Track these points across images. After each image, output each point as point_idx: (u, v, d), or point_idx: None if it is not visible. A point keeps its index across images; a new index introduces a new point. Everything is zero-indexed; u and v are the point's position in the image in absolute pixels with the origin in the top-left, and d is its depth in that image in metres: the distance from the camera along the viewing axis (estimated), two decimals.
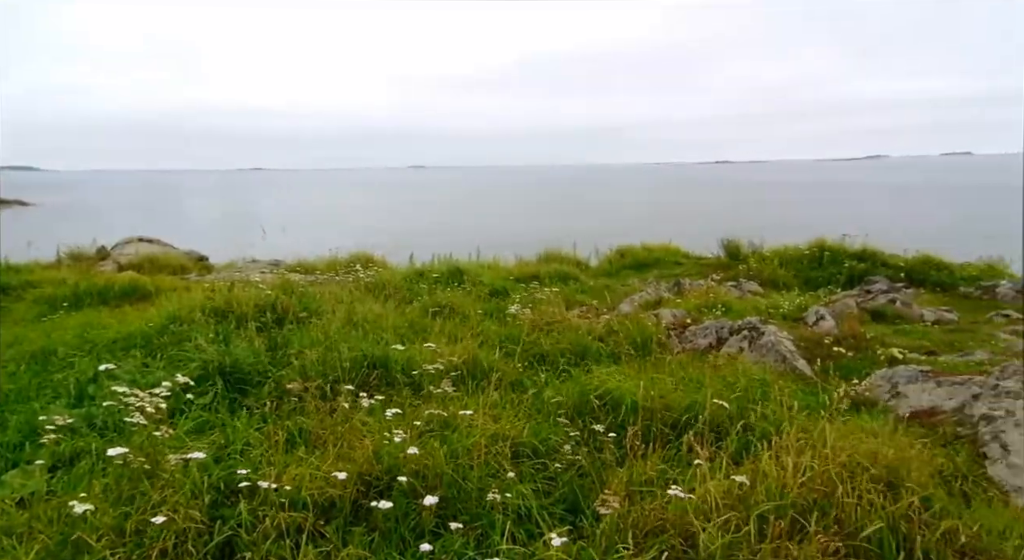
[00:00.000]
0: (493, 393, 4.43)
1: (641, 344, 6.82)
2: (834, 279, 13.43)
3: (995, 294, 11.23)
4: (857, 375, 5.74)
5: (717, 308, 8.92)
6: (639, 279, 14.47)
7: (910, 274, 13.10)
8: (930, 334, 7.48)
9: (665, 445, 3.94)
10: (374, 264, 13.51)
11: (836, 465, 3.27)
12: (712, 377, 5.19)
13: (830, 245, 14.90)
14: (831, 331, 7.14)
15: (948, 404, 4.75)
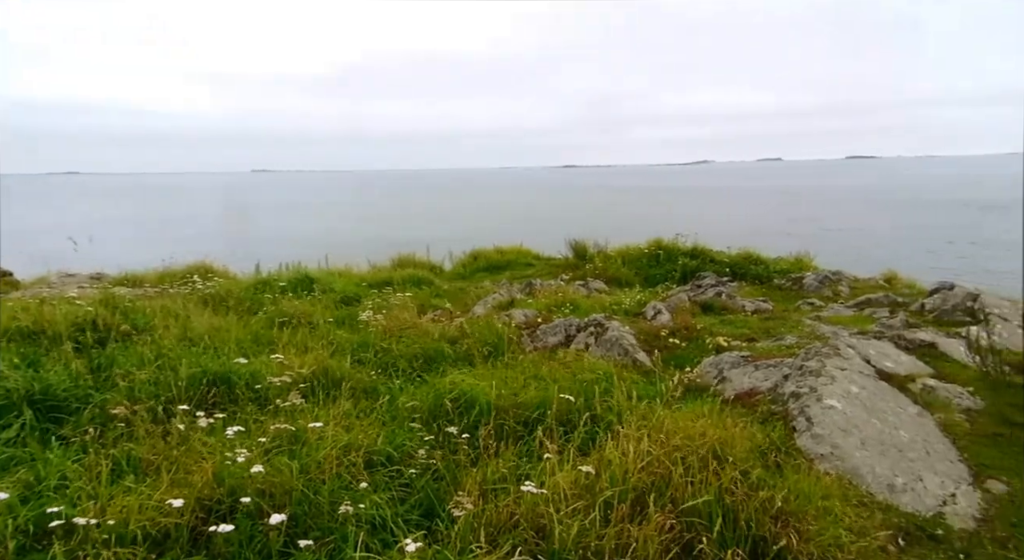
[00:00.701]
0: (345, 403, 4.33)
1: (494, 345, 6.96)
2: (670, 275, 14.50)
3: (802, 285, 12.67)
4: (690, 363, 6.24)
5: (566, 307, 9.30)
6: (492, 281, 14.74)
7: (734, 269, 14.42)
8: (750, 323, 8.30)
9: (518, 442, 4.06)
10: (214, 274, 12.66)
11: (671, 448, 3.55)
12: (561, 373, 5.42)
13: (666, 244, 16.04)
14: (667, 324, 7.69)
15: (764, 385, 5.30)
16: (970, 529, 3.75)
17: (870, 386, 5.18)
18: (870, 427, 4.58)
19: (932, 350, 6.24)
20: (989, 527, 3.79)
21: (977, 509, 3.94)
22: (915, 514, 3.85)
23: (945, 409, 5.03)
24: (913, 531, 3.67)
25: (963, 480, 4.21)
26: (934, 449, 4.49)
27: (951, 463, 4.39)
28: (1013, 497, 4.08)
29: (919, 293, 10.86)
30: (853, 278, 13.65)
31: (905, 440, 4.52)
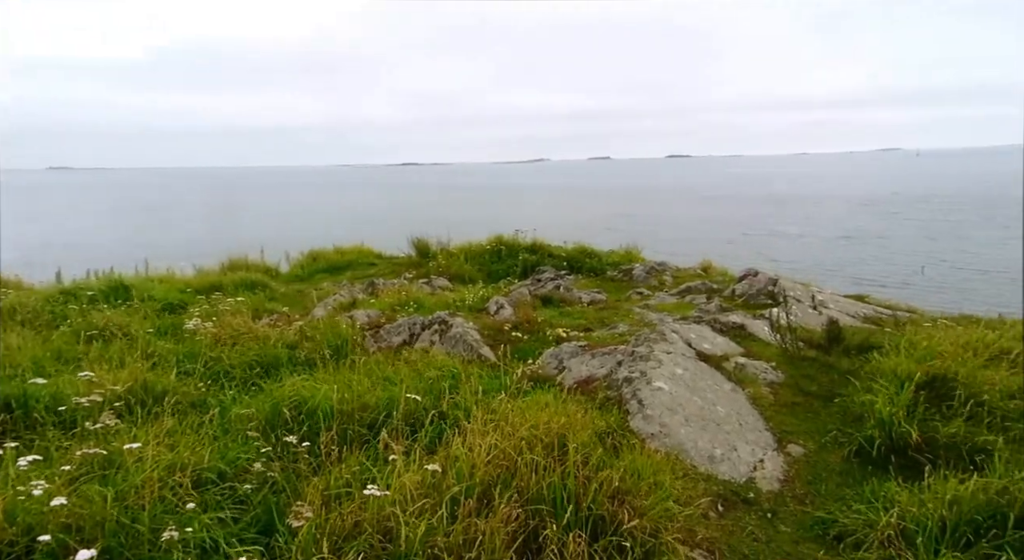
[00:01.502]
0: (168, 419, 3.96)
1: (337, 348, 6.74)
2: (512, 271, 14.87)
3: (632, 276, 13.55)
4: (532, 355, 6.43)
5: (410, 305, 9.22)
6: (333, 282, 14.25)
7: (571, 263, 15.10)
8: (587, 313, 8.73)
9: (364, 446, 3.95)
10: (2, 285, 11.07)
11: (518, 440, 3.63)
12: (407, 373, 5.36)
13: (507, 240, 16.42)
14: (510, 318, 7.88)
15: (601, 372, 5.60)
16: (775, 490, 4.22)
17: (692, 367, 5.65)
18: (693, 405, 5.00)
19: (742, 331, 6.94)
20: (791, 487, 4.29)
21: (781, 472, 4.44)
22: (731, 481, 4.26)
23: (754, 384, 5.62)
24: (730, 497, 4.06)
25: (769, 447, 4.73)
26: (745, 421, 5.01)
27: (760, 432, 4.91)
28: (808, 458, 4.65)
29: (730, 280, 12.01)
30: (676, 268, 14.82)
31: (722, 414, 4.99)
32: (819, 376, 5.89)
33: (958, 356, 5.35)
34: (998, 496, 3.42)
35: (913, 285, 21.19)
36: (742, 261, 19.86)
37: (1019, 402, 4.71)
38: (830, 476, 4.41)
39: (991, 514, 3.36)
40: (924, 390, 4.87)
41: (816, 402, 5.46)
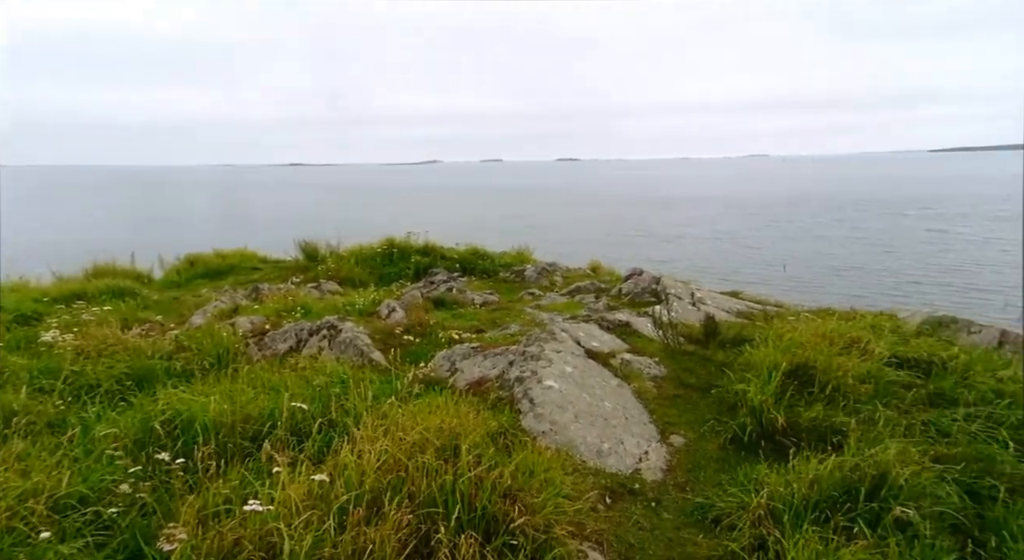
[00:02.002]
0: (18, 442, 3.60)
1: (217, 357, 6.40)
2: (404, 273, 14.69)
3: (524, 276, 13.75)
4: (425, 358, 6.38)
5: (297, 310, 8.89)
6: (213, 288, 13.50)
7: (463, 264, 15.12)
8: (479, 315, 8.78)
9: (246, 459, 3.77)
10: None
11: (409, 444, 3.59)
12: (293, 380, 5.17)
13: (398, 242, 16.21)
14: (401, 321, 7.78)
15: (493, 372, 5.64)
16: (659, 480, 4.42)
17: (581, 365, 5.81)
18: (582, 401, 5.15)
19: (628, 328, 7.22)
20: (673, 475, 4.51)
21: (664, 462, 4.66)
22: (618, 473, 4.42)
23: (638, 379, 5.85)
24: (617, 488, 4.21)
25: (653, 438, 4.95)
26: (631, 415, 5.21)
27: (644, 425, 5.12)
28: (689, 447, 4.90)
29: (617, 279, 12.46)
30: (566, 268, 15.19)
31: (609, 409, 5.17)
32: (698, 369, 6.23)
33: (817, 346, 5.81)
34: (851, 473, 3.75)
35: (777, 281, 22.87)
36: (628, 261, 20.65)
37: (869, 386, 5.19)
38: (708, 463, 4.67)
39: (846, 489, 3.68)
40: (790, 378, 5.27)
41: (695, 394, 5.77)
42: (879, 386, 5.20)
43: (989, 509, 3.67)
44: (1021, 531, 3.42)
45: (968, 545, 3.43)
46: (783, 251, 30.36)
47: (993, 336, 6.94)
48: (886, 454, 3.86)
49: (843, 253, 29.66)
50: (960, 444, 4.31)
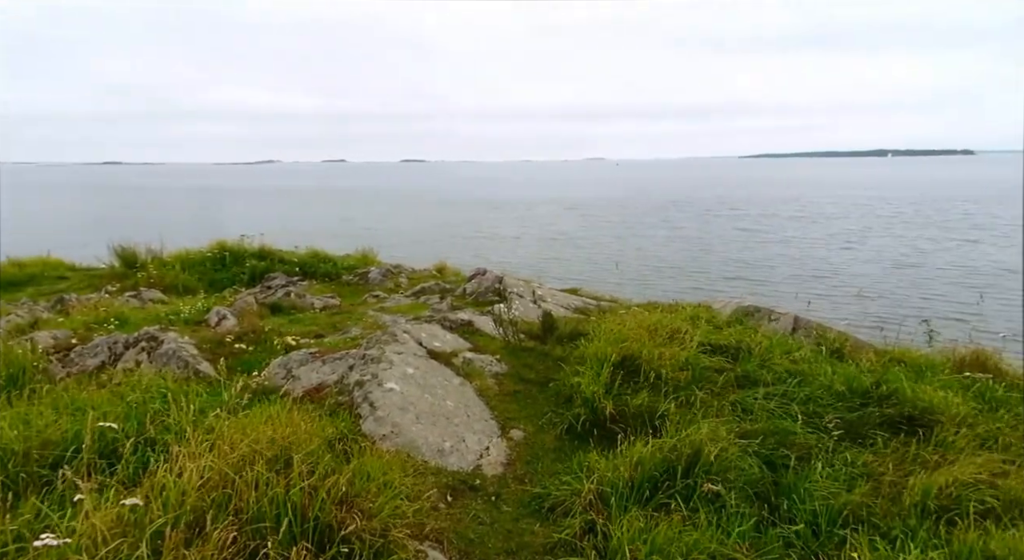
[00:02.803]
0: None
1: (11, 377, 5.64)
2: (238, 279, 13.84)
3: (368, 279, 13.50)
4: (258, 367, 6.05)
5: (111, 322, 8.08)
6: (9, 301, 11.87)
7: (304, 268, 14.53)
8: (319, 319, 8.48)
9: (43, 490, 3.37)
10: None
11: (237, 458, 3.39)
12: (105, 398, 4.68)
13: (231, 246, 15.24)
14: (233, 329, 7.32)
15: (332, 378, 5.48)
16: (499, 474, 4.54)
17: (423, 365, 5.81)
18: (424, 402, 5.15)
19: (470, 327, 7.32)
20: (512, 469, 4.64)
21: (504, 456, 4.78)
22: (460, 471, 4.48)
23: (480, 376, 5.96)
24: (459, 486, 4.27)
25: (494, 434, 5.06)
26: (473, 412, 5.29)
27: (486, 421, 5.23)
28: (528, 440, 5.07)
29: (462, 280, 12.59)
30: (411, 270, 15.10)
31: (451, 408, 5.22)
32: (537, 364, 6.46)
33: (643, 338, 6.25)
34: (670, 453, 4.09)
35: (611, 278, 24.28)
36: (474, 261, 20.96)
37: (687, 372, 5.68)
38: (546, 454, 4.87)
39: (666, 469, 4.00)
40: (619, 369, 5.63)
41: (535, 388, 5.98)
42: (695, 372, 5.70)
43: (783, 476, 4.16)
44: (807, 493, 3.91)
45: (765, 509, 3.87)
46: (615, 249, 32.27)
47: (789, 322, 7.87)
48: (699, 434, 4.25)
49: (667, 251, 32.12)
50: (760, 420, 4.84)
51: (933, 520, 3.61)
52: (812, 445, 4.47)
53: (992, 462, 4.03)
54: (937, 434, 4.52)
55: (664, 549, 3.26)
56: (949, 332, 10.46)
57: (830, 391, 5.25)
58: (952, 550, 3.30)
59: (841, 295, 21.29)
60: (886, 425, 4.80)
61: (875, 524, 3.69)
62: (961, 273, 24.80)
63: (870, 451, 4.49)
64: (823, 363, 6.04)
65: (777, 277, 24.33)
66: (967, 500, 3.67)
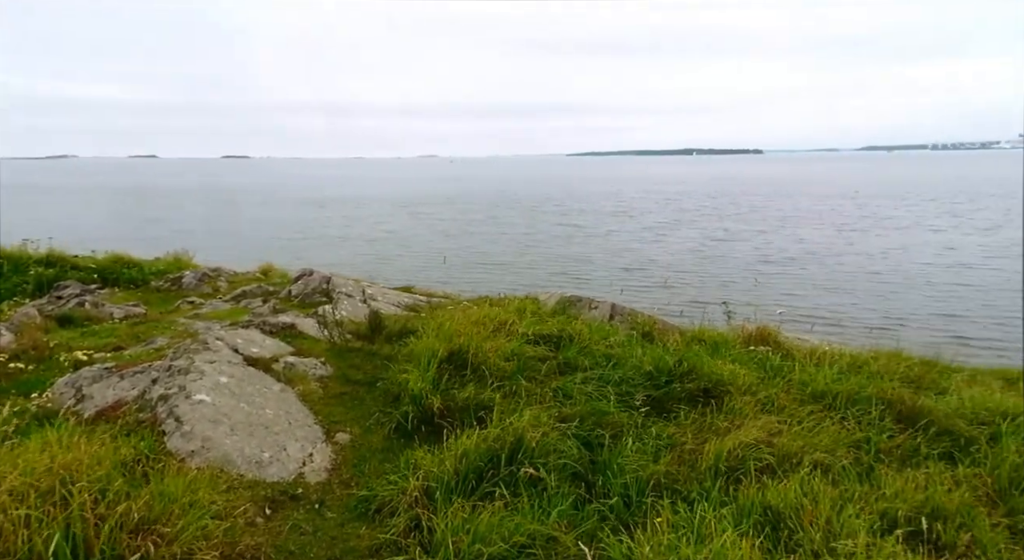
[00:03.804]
0: None
1: None
2: (20, 289, 12.15)
3: (181, 284, 12.43)
4: (40, 387, 5.34)
5: None
6: None
7: (104, 274, 13.07)
8: (118, 330, 7.65)
9: None
10: None
11: (3, 494, 2.96)
12: None
13: (10, 253, 13.35)
14: (8, 346, 6.39)
15: (131, 394, 4.97)
16: (324, 480, 4.37)
17: (239, 373, 5.45)
18: (239, 413, 4.83)
19: (292, 330, 6.99)
20: (338, 473, 4.50)
21: (329, 461, 4.62)
22: (280, 482, 4.25)
23: (303, 381, 5.71)
24: (278, 497, 4.05)
25: (318, 439, 4.87)
26: (295, 419, 5.06)
27: (309, 427, 5.02)
28: (355, 442, 4.94)
29: (288, 281, 12.01)
30: (232, 273, 14.14)
31: (271, 417, 4.94)
32: (364, 364, 6.32)
33: (471, 331, 6.34)
34: (494, 443, 4.17)
35: (445, 275, 24.45)
36: (303, 262, 20.12)
37: (513, 363, 5.84)
38: (373, 455, 4.77)
39: (490, 458, 4.08)
40: (447, 363, 5.66)
41: (362, 389, 5.84)
42: (520, 362, 5.88)
43: (599, 454, 4.42)
44: (620, 468, 4.18)
45: (583, 487, 4.08)
46: (446, 247, 32.47)
47: (607, 310, 8.38)
48: (521, 422, 4.38)
49: (496, 247, 32.92)
50: (580, 404, 5.10)
51: (723, 480, 4.01)
52: (624, 423, 4.78)
53: (770, 423, 4.57)
54: (727, 403, 5.04)
55: (486, 536, 3.32)
56: (744, 311, 11.71)
57: (640, 371, 5.66)
58: (738, 505, 3.69)
59: (653, 283, 23.09)
60: (687, 399, 5.27)
61: (677, 489, 4.03)
62: (755, 259, 27.94)
63: (674, 423, 4.91)
64: (635, 346, 6.50)
65: (598, 269, 25.87)
66: (750, 459, 4.12)
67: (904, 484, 3.85)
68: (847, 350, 7.10)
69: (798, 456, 4.23)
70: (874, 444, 4.53)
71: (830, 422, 4.81)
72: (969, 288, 21.34)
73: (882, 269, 24.93)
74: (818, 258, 27.56)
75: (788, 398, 5.24)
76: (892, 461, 4.34)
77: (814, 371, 5.81)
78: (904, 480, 3.92)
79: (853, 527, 3.38)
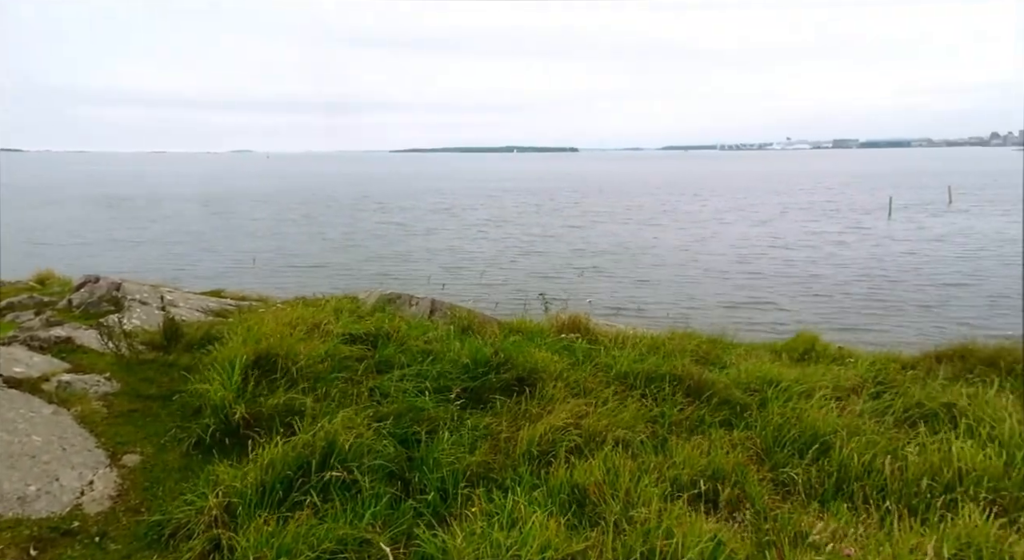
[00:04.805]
0: None
1: None
2: None
3: None
4: None
5: None
6: None
7: None
8: None
9: None
10: None
11: None
12: None
13: None
14: None
15: None
16: (106, 509, 3.90)
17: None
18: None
19: (69, 344, 6.17)
20: (125, 500, 4.03)
21: (114, 487, 4.13)
22: (51, 517, 3.72)
23: (83, 401, 5.05)
24: (48, 535, 3.55)
25: (101, 464, 4.34)
26: (71, 444, 4.46)
27: (89, 452, 4.45)
28: (146, 464, 4.47)
29: (69, 290, 10.60)
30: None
31: (39, 444, 4.31)
32: (159, 377, 5.74)
33: (283, 334, 6.00)
34: (304, 449, 3.98)
35: (257, 276, 23.06)
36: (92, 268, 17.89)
37: (327, 364, 5.62)
38: (169, 476, 4.34)
39: (300, 466, 3.89)
40: (255, 369, 5.30)
41: (156, 404, 5.29)
42: (335, 362, 5.67)
43: (416, 451, 4.39)
44: (436, 462, 4.18)
45: (399, 486, 4.03)
46: (259, 248, 30.55)
47: (427, 306, 8.36)
48: (334, 424, 4.22)
49: (316, 247, 31.59)
50: (397, 401, 5.02)
51: (536, 464, 4.16)
52: (441, 417, 4.79)
53: (578, 406, 4.82)
54: (541, 389, 5.25)
55: (292, 548, 3.15)
56: (562, 302, 12.28)
57: (458, 365, 5.70)
58: (549, 486, 3.85)
59: (474, 278, 23.49)
60: (503, 388, 5.40)
61: (493, 478, 4.11)
62: (571, 252, 29.47)
63: (491, 413, 5.00)
64: (454, 340, 6.54)
65: (420, 267, 25.72)
66: (560, 442, 4.32)
67: (691, 451, 4.25)
68: (648, 333, 7.71)
69: (603, 435, 4.50)
70: (668, 418, 4.96)
71: (631, 400, 5.19)
72: (756, 277, 24.06)
73: (683, 260, 27.41)
74: (630, 252, 29.66)
75: (595, 381, 5.56)
76: (682, 431, 4.77)
77: (618, 354, 6.23)
78: (691, 448, 4.32)
79: (648, 495, 3.66)
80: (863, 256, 27.42)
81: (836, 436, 4.45)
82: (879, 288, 21.51)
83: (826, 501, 3.90)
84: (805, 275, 23.86)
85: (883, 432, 4.64)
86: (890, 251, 28.67)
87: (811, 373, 5.97)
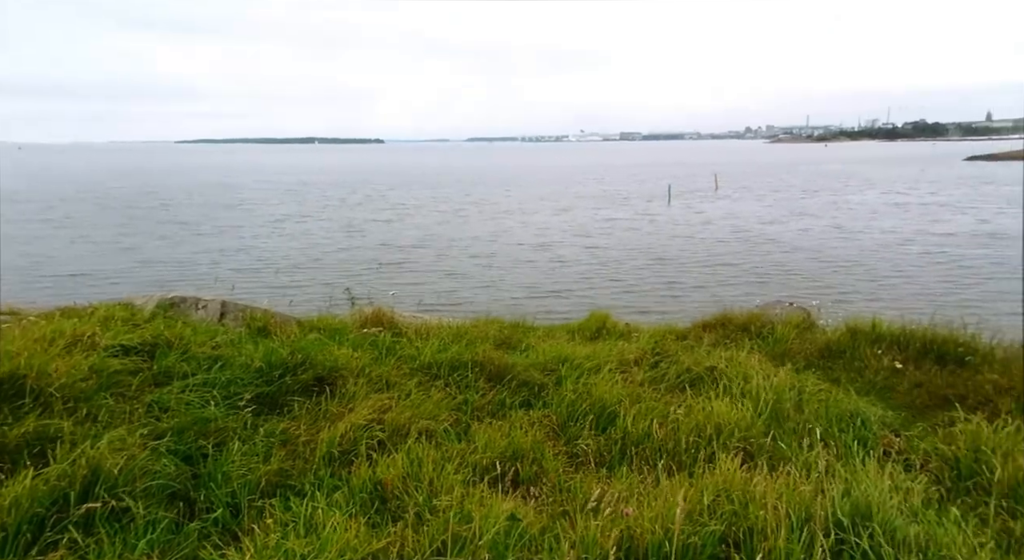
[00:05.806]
0: None
1: None
2: None
3: None
4: None
5: None
6: None
7: None
8: None
9: None
10: None
11: None
12: None
13: None
14: None
15: None
16: None
17: None
18: None
19: None
20: None
21: None
22: None
23: None
24: None
25: None
26: None
27: None
28: None
29: None
30: None
31: None
32: None
33: (34, 350, 5.19)
34: (59, 481, 3.47)
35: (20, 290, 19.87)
36: None
37: (92, 381, 4.96)
38: None
39: (54, 501, 3.38)
40: None
41: None
42: (103, 379, 5.03)
43: (202, 466, 4.03)
44: (225, 477, 3.86)
45: (183, 506, 3.67)
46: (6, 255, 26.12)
47: (217, 308, 7.73)
48: (98, 449, 3.73)
49: (75, 251, 27.70)
50: (179, 415, 4.57)
51: (337, 465, 4.02)
52: (231, 427, 4.45)
53: (381, 401, 4.74)
54: (341, 388, 5.08)
55: None
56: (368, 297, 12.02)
57: (250, 369, 5.33)
58: (350, 486, 3.74)
59: (274, 277, 22.23)
60: (301, 390, 5.15)
61: (291, 485, 3.90)
62: (377, 249, 28.94)
63: (288, 418, 4.75)
64: (247, 343, 6.12)
65: (210, 268, 23.66)
66: (362, 440, 4.21)
67: (493, 434, 4.36)
68: (453, 322, 7.80)
69: (406, 427, 4.47)
70: (471, 404, 5.05)
71: (435, 390, 5.22)
72: (559, 263, 25.37)
73: (491, 250, 28.14)
74: (436, 244, 29.81)
75: (399, 374, 5.51)
76: (485, 416, 4.89)
77: (422, 345, 6.22)
78: (493, 431, 4.44)
79: (451, 483, 3.69)
80: (650, 241, 30.16)
81: (620, 406, 4.83)
82: (665, 268, 23.83)
83: (613, 467, 4.22)
84: (603, 260, 25.69)
85: (659, 398, 5.13)
86: (672, 233, 31.92)
87: (600, 349, 6.43)
